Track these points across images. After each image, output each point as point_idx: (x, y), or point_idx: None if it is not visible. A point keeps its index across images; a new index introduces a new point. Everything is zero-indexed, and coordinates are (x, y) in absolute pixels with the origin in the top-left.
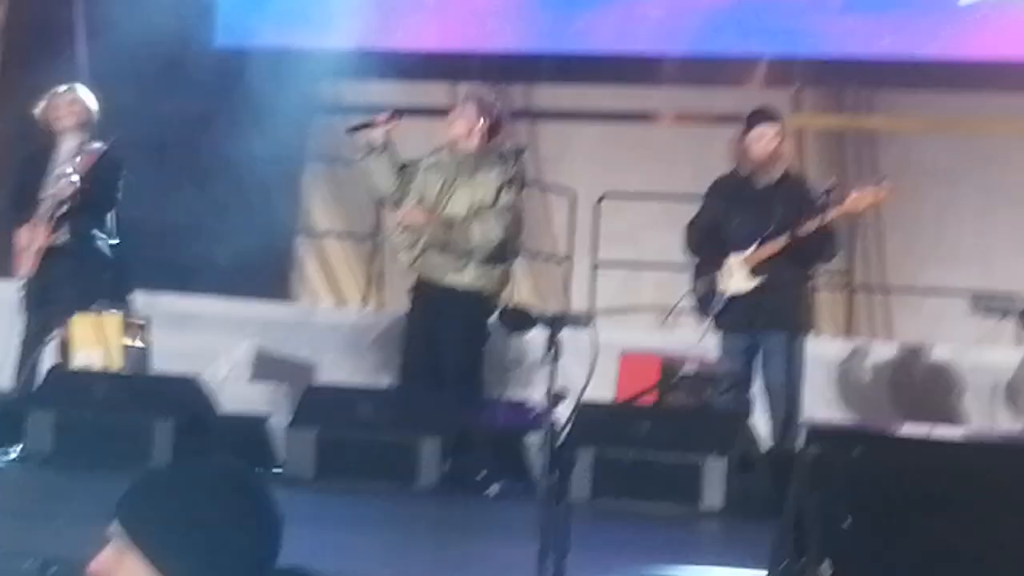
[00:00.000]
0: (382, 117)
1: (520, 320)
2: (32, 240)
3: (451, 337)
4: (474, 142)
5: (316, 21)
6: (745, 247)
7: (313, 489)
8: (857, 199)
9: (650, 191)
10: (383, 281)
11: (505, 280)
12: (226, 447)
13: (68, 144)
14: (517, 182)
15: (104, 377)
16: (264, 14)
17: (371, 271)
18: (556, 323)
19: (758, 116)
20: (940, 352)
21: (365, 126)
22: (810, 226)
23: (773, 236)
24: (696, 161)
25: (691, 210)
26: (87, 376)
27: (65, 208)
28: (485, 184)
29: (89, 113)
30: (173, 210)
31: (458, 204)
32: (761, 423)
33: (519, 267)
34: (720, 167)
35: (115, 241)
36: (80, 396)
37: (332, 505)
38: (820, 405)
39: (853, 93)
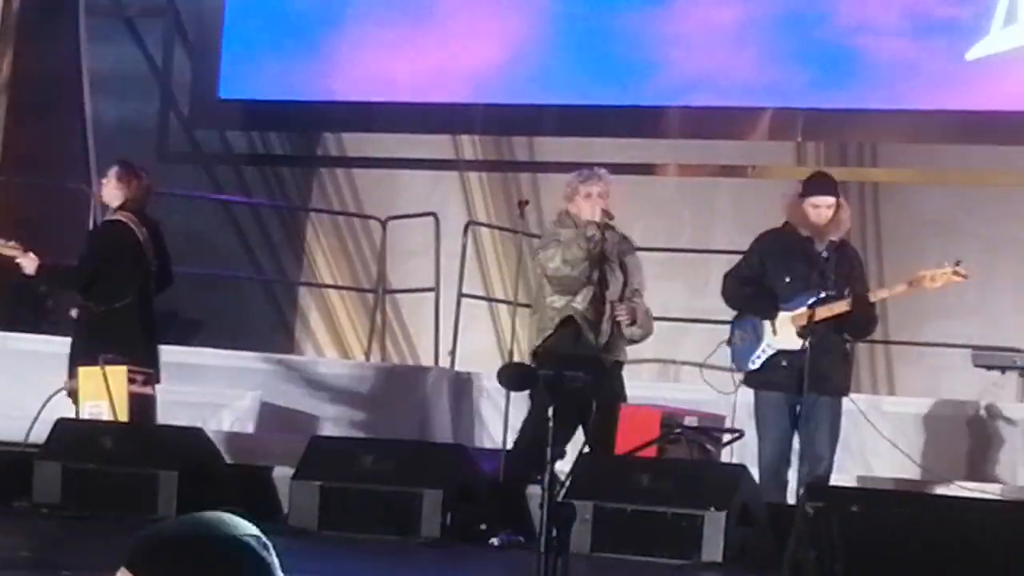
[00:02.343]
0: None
1: (520, 377)
2: None
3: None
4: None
5: (319, 74)
6: (794, 306)
7: (317, 539)
8: (932, 278)
9: (653, 244)
10: (385, 333)
11: None
12: (231, 498)
13: None
14: None
15: (110, 428)
16: (268, 67)
17: (374, 323)
18: (556, 380)
19: (817, 185)
20: (941, 406)
21: None
22: (874, 298)
23: (826, 301)
24: (699, 213)
25: (694, 262)
26: (93, 427)
27: None
28: (639, 270)
29: (106, 194)
30: (178, 262)
31: (613, 287)
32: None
33: (520, 318)
34: (722, 219)
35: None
36: (86, 447)
37: (335, 555)
38: None
39: (855, 145)
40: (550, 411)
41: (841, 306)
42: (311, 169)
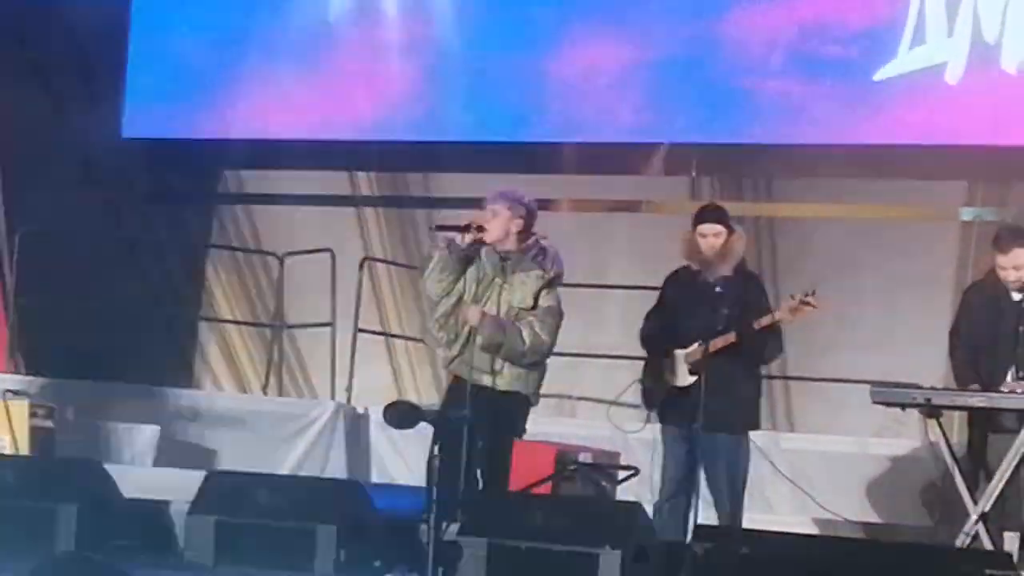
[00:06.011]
0: (475, 226)
1: (406, 416)
2: None
3: (488, 436)
4: (509, 243)
5: (220, 112)
6: (689, 342)
7: (212, 575)
8: (788, 309)
9: None
10: (283, 368)
11: (540, 379)
12: (128, 532)
13: None
14: (557, 283)
15: (9, 462)
16: (170, 105)
17: (271, 358)
18: (441, 419)
19: (704, 214)
20: (841, 443)
21: (454, 228)
22: (752, 327)
23: (717, 334)
24: (594, 249)
25: (589, 297)
26: None
27: None
28: (524, 286)
29: None
30: (79, 297)
31: (495, 305)
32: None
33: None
34: (617, 254)
35: None
36: None
37: None
38: None
39: (751, 180)
40: (435, 449)
41: (728, 337)
42: (211, 206)
